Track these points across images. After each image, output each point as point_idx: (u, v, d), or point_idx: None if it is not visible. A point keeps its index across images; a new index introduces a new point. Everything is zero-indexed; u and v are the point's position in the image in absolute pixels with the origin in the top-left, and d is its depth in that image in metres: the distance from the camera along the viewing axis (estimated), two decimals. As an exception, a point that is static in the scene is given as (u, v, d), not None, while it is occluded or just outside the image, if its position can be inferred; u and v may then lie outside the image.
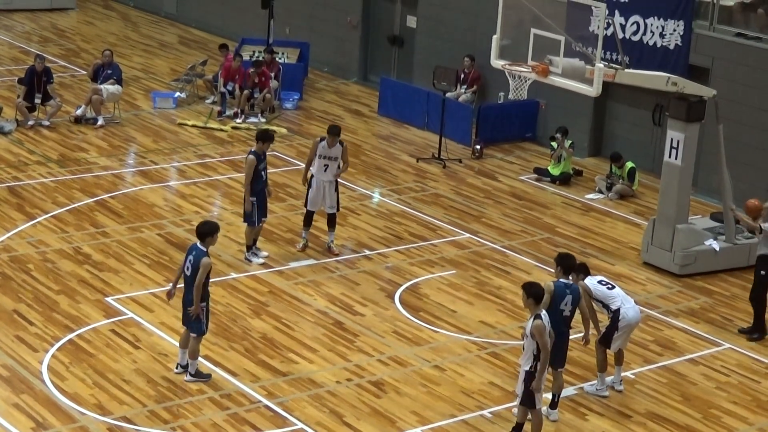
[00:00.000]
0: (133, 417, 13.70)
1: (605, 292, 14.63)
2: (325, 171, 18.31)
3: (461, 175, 23.17)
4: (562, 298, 13.72)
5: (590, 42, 18.30)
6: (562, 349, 13.98)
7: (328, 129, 18.42)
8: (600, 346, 14.80)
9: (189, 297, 14.37)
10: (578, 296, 13.88)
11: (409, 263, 18.69)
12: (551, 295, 13.64)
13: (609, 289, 14.72)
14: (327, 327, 16.36)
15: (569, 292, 13.78)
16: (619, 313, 14.53)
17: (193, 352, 14.56)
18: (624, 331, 14.66)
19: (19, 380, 14.35)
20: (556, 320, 13.57)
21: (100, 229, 19.23)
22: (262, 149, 17.87)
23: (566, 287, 13.80)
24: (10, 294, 16.68)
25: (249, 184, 17.75)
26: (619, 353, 14.95)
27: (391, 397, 14.52)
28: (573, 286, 13.88)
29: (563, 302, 13.73)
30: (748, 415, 14.77)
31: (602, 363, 14.86)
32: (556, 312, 13.63)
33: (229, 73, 25.75)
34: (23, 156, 22.47)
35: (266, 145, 17.90)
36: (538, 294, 13.06)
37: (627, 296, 14.89)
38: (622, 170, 22.29)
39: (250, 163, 17.71)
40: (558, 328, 13.66)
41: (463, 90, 26.01)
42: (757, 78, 21.37)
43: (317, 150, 18.25)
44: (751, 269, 18.51)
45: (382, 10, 29.17)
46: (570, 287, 13.83)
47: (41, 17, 34.27)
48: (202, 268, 14.15)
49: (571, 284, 13.88)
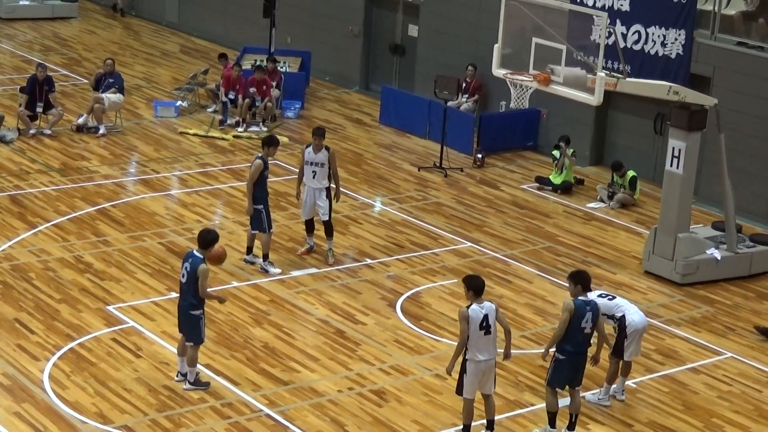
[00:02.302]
0: (134, 426, 13.69)
1: (607, 304, 14.54)
2: (313, 178, 18.32)
3: (463, 183, 23.18)
4: (583, 316, 13.46)
5: (592, 51, 18.30)
6: (582, 367, 13.81)
7: (313, 131, 18.51)
8: (613, 357, 14.68)
9: (184, 303, 14.35)
10: (598, 313, 13.60)
11: (411, 272, 18.69)
12: (571, 313, 13.39)
13: (610, 300, 14.69)
14: (328, 336, 16.35)
15: (589, 309, 13.50)
16: (625, 319, 14.47)
17: (192, 360, 14.54)
18: (633, 337, 14.55)
19: (20, 389, 14.34)
20: (578, 340, 13.49)
21: (102, 237, 19.23)
22: (269, 154, 17.95)
23: (586, 305, 13.53)
24: (11, 302, 16.68)
25: (252, 186, 17.81)
26: (627, 364, 14.87)
27: (392, 406, 14.51)
28: (592, 303, 13.61)
29: (584, 320, 13.47)
30: (750, 425, 14.74)
31: (612, 375, 14.78)
32: (577, 330, 13.46)
33: (229, 82, 25.78)
34: (25, 165, 22.49)
35: (271, 150, 17.98)
36: (478, 286, 13.16)
37: (630, 303, 14.86)
38: (623, 179, 22.29)
39: (257, 166, 17.79)
40: (579, 347, 13.56)
41: (464, 99, 26.02)
42: (759, 87, 21.37)
43: (304, 156, 18.34)
44: (753, 278, 18.56)
45: (383, 19, 29.20)
46: (590, 304, 13.55)
47: (43, 26, 34.33)
48: (201, 276, 14.15)
49: (590, 301, 13.60)
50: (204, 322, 14.48)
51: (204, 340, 14.61)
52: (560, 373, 13.68)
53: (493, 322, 13.24)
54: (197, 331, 14.42)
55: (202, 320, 14.42)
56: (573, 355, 13.58)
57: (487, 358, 13.29)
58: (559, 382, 13.78)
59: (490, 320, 13.20)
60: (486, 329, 13.16)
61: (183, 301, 14.39)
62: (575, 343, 13.48)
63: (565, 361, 13.61)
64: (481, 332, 13.15)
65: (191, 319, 14.38)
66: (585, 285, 13.61)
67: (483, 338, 13.19)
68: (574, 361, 13.62)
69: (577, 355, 13.56)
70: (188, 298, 14.33)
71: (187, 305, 14.34)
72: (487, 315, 13.18)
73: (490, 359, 13.34)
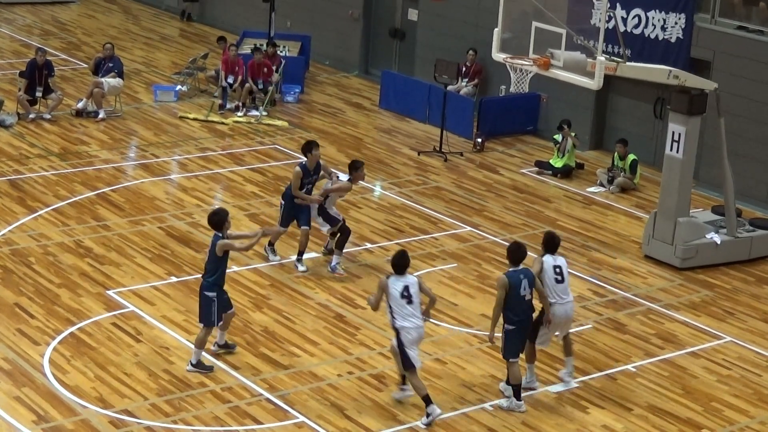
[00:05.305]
0: (134, 410, 13.72)
1: (552, 284, 14.43)
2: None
3: (462, 168, 23.16)
4: (519, 285, 13.87)
5: (592, 35, 18.28)
6: (522, 339, 14.14)
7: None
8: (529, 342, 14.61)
9: (203, 282, 14.58)
10: (533, 277, 14.03)
11: (411, 256, 18.62)
12: (506, 288, 13.82)
13: (557, 282, 14.47)
14: (328, 320, 16.36)
15: (524, 276, 13.93)
16: (551, 308, 14.38)
17: (200, 342, 14.64)
18: (549, 329, 14.50)
19: (20, 373, 14.36)
20: (522, 308, 13.91)
21: (102, 222, 19.23)
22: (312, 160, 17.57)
23: (519, 273, 13.93)
24: (11, 287, 16.69)
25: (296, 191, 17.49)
26: (566, 341, 14.85)
27: (392, 391, 14.51)
28: (524, 270, 14.01)
29: (522, 288, 13.88)
30: (749, 408, 14.76)
31: (530, 355, 14.76)
32: (519, 300, 13.88)
33: (228, 65, 25.74)
34: (24, 149, 22.47)
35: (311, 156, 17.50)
36: (399, 264, 13.86)
37: (568, 290, 14.61)
38: (624, 161, 22.28)
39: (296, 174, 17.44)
40: (525, 314, 13.96)
41: (464, 83, 25.99)
42: (759, 71, 21.35)
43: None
44: (753, 262, 18.55)
45: (383, 3, 29.14)
46: (522, 272, 13.96)
47: (42, 10, 34.27)
48: (217, 246, 14.34)
49: (521, 269, 13.98)
50: (217, 306, 14.55)
51: (215, 324, 14.68)
52: (514, 343, 14.07)
53: (415, 293, 13.77)
54: (208, 313, 14.56)
55: (215, 303, 14.53)
56: (520, 322, 14.00)
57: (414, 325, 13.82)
58: (514, 352, 14.10)
59: (411, 291, 13.76)
60: (408, 299, 13.71)
61: (202, 281, 14.67)
62: (520, 311, 13.93)
63: (515, 330, 14.00)
64: (403, 301, 13.69)
65: (205, 300, 14.59)
66: (516, 261, 13.98)
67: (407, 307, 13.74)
68: (525, 328, 14.06)
69: (524, 322, 14.04)
70: (206, 277, 14.59)
71: (203, 284, 14.62)
72: (407, 286, 13.75)
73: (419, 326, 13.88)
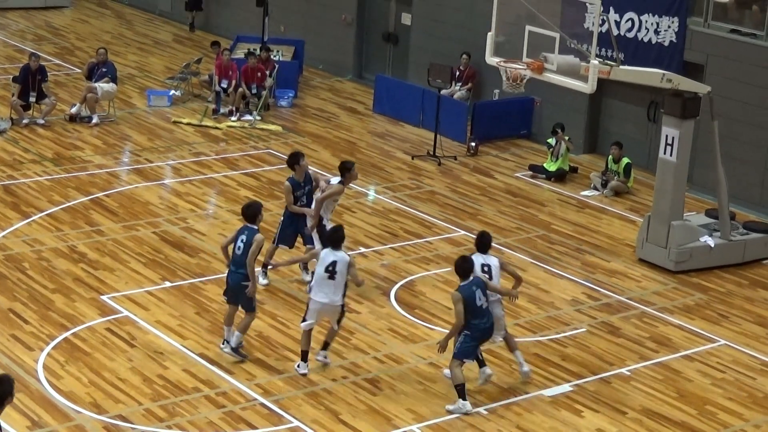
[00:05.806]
0: (128, 415, 13.70)
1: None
2: None
3: (456, 172, 23.17)
4: (474, 295, 13.96)
5: (585, 39, 18.32)
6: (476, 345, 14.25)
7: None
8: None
9: (237, 276, 14.75)
10: (484, 284, 14.14)
11: (405, 260, 18.70)
12: (463, 302, 13.89)
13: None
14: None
15: (476, 286, 14.03)
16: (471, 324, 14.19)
17: (245, 327, 15.02)
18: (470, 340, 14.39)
19: (14, 379, 14.30)
20: (479, 315, 13.96)
21: (96, 227, 19.21)
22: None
23: (471, 285, 14.02)
24: (5, 293, 16.66)
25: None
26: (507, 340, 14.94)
27: (387, 395, 14.52)
28: (475, 279, 14.12)
29: (477, 298, 13.97)
30: (743, 412, 14.77)
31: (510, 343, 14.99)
32: (476, 309, 13.96)
33: (221, 70, 25.74)
34: (18, 154, 22.45)
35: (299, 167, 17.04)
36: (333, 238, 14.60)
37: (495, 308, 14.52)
38: (618, 165, 22.30)
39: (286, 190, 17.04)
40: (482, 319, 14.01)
41: (458, 87, 26.01)
42: (752, 74, 21.38)
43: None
44: (747, 265, 18.55)
45: (376, 7, 29.17)
46: (473, 282, 14.07)
47: (35, 15, 34.25)
48: (255, 243, 14.56)
49: (472, 279, 14.08)
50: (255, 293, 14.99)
51: (257, 309, 15.12)
52: (468, 347, 14.12)
53: (340, 270, 14.40)
54: (252, 301, 14.90)
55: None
56: (477, 326, 14.06)
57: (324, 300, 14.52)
58: (466, 355, 14.19)
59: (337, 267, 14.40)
60: (330, 274, 14.42)
61: (236, 274, 14.79)
62: (477, 317, 14.03)
63: (470, 335, 14.09)
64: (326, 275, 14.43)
65: (244, 290, 14.81)
66: (462, 273, 14.10)
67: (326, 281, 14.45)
68: (482, 334, 14.17)
69: (485, 331, 14.18)
70: (243, 269, 14.72)
71: (240, 277, 14.77)
72: (335, 261, 14.43)
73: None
